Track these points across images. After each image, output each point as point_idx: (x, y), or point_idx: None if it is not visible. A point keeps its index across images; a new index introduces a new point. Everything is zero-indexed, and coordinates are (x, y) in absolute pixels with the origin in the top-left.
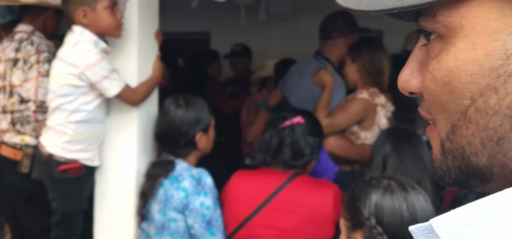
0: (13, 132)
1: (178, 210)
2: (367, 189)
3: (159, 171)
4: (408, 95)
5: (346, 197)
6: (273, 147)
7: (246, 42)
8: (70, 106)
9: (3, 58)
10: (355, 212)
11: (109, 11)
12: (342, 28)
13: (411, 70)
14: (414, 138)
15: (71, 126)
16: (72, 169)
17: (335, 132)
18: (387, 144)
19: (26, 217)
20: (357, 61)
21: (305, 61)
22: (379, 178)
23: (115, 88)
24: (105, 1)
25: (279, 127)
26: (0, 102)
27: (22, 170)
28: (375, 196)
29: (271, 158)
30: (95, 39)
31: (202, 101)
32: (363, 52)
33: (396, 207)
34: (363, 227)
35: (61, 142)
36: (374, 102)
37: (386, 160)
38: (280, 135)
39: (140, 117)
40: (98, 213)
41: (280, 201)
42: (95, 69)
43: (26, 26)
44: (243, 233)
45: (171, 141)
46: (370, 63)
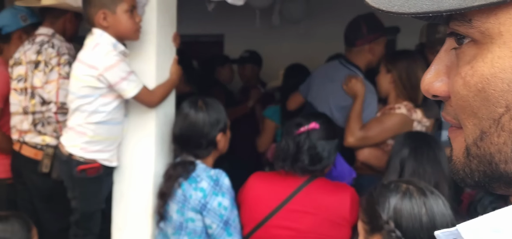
0: (34, 132)
1: (196, 210)
2: (385, 193)
3: (180, 171)
4: (431, 98)
5: (365, 201)
6: (291, 154)
7: (259, 45)
8: (89, 107)
9: (24, 61)
10: (373, 216)
11: (128, 14)
12: (366, 34)
13: (437, 72)
14: (432, 142)
15: (90, 127)
16: (91, 169)
17: (368, 145)
18: (405, 148)
19: (45, 216)
20: (392, 72)
21: (331, 67)
22: (398, 182)
23: (133, 89)
24: (124, 5)
25: (295, 133)
26: (22, 103)
27: (42, 170)
28: (394, 200)
29: (289, 166)
30: (114, 42)
31: (218, 102)
32: (399, 64)
33: (415, 211)
34: (381, 231)
35: (80, 142)
36: (412, 118)
37: (404, 163)
38: (296, 142)
39: (158, 119)
40: (115, 213)
41: (297, 202)
42: (114, 71)
43: (46, 29)
44: (260, 234)
45: (192, 142)
46: (406, 76)
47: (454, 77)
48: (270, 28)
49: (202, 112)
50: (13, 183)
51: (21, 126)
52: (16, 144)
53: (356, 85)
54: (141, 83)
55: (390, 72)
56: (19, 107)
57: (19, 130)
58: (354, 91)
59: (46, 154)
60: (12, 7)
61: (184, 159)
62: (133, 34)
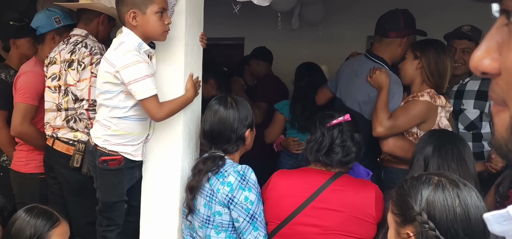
0: (66, 128)
1: (223, 204)
2: (417, 184)
3: (209, 165)
4: (479, 75)
5: (395, 193)
6: (325, 146)
7: (279, 47)
8: (110, 102)
9: (58, 60)
10: (405, 207)
11: (158, 16)
12: (402, 28)
13: (487, 49)
14: (456, 139)
15: (113, 121)
16: (112, 160)
17: (396, 133)
18: (429, 145)
19: (74, 210)
20: (421, 58)
21: (356, 61)
22: (429, 174)
23: (142, 93)
24: (155, 6)
25: (329, 125)
26: (55, 100)
27: (73, 164)
28: (427, 192)
29: (324, 157)
30: (139, 41)
31: (245, 100)
32: (429, 51)
33: (449, 202)
34: (413, 222)
35: (103, 134)
36: (436, 104)
37: (428, 161)
38: (330, 134)
39: (185, 116)
40: (144, 207)
41: (323, 199)
42: (129, 71)
43: (80, 30)
44: (286, 231)
45: (223, 137)
46: (434, 63)
47: (507, 53)
48: (289, 31)
49: (232, 109)
50: (45, 178)
51: (55, 122)
52: (49, 139)
53: (381, 77)
54: (152, 91)
55: (418, 59)
56: (53, 105)
57: (52, 126)
58: (378, 82)
59: (77, 149)
60: (46, 9)
61: (214, 153)
62: (160, 36)
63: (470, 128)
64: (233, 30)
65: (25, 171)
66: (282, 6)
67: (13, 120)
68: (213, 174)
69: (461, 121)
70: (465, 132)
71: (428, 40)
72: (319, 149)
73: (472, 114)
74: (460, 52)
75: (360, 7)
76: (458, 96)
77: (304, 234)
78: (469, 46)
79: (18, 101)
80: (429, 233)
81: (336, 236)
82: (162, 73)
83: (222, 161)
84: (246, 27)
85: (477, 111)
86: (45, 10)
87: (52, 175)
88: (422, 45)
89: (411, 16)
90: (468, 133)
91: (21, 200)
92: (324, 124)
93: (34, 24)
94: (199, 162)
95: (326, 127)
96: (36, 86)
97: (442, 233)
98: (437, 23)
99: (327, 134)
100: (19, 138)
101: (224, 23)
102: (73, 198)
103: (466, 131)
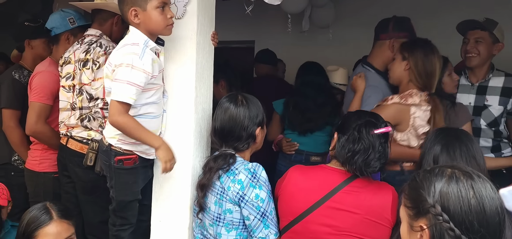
0: (80, 127)
1: (234, 201)
2: (430, 177)
3: (220, 163)
4: None
5: (408, 186)
6: (363, 151)
7: (289, 50)
8: None
9: (73, 59)
10: (418, 200)
11: (159, 10)
12: (391, 30)
13: None
14: (463, 136)
15: None
16: (128, 159)
17: None
18: (437, 144)
19: (87, 208)
20: (409, 59)
21: (355, 73)
22: (442, 167)
23: (114, 94)
24: (155, 1)
25: (372, 132)
26: (70, 100)
27: (87, 163)
28: (440, 184)
29: (362, 162)
30: (145, 39)
31: (256, 99)
32: (416, 52)
33: (463, 194)
34: (427, 215)
35: (117, 133)
36: (407, 103)
37: (437, 159)
38: (370, 140)
39: (196, 114)
40: (155, 205)
41: (338, 200)
42: (120, 70)
43: (94, 30)
44: (298, 228)
45: (233, 135)
46: (422, 64)
47: None
48: (299, 33)
49: (242, 107)
50: (58, 177)
51: (69, 121)
52: (63, 138)
53: (356, 82)
54: (126, 99)
55: (405, 60)
56: (67, 104)
57: (66, 124)
58: (354, 87)
59: (91, 148)
60: (61, 10)
61: (224, 151)
62: (164, 30)
63: (492, 125)
64: (243, 33)
65: (39, 170)
66: (292, 7)
67: (28, 119)
68: (224, 171)
69: (484, 117)
70: (486, 128)
71: (417, 40)
72: (356, 152)
73: (497, 111)
74: (474, 42)
75: (371, 9)
76: (480, 91)
77: (317, 233)
78: (482, 36)
79: (33, 100)
80: (443, 225)
81: (348, 237)
82: (173, 72)
83: (233, 159)
84: (256, 30)
85: (501, 108)
86: (60, 11)
87: (65, 174)
88: (410, 46)
89: (404, 21)
90: (490, 130)
91: (35, 198)
92: (368, 130)
93: (49, 25)
94: (210, 160)
95: (371, 134)
96: (51, 86)
97: (456, 225)
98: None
99: (367, 140)
100: (34, 136)
101: (235, 26)
102: (86, 196)
103: (487, 127)
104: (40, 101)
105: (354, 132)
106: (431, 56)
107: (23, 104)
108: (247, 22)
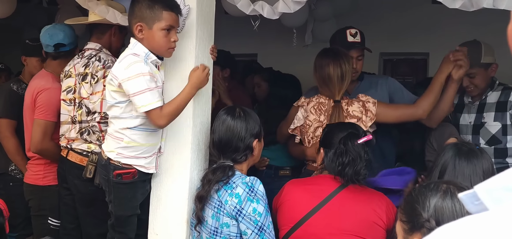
0: (80, 140)
1: (231, 215)
2: (425, 192)
3: (219, 176)
4: None
5: (404, 201)
6: (352, 162)
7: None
8: (122, 113)
9: (73, 73)
10: (413, 214)
11: (164, 32)
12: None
13: None
14: (472, 156)
15: (125, 133)
16: (127, 174)
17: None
18: (445, 159)
19: (86, 221)
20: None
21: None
22: (438, 182)
23: (142, 106)
24: (162, 23)
25: (356, 143)
26: (70, 113)
27: (86, 175)
28: (435, 199)
29: (352, 173)
30: (146, 52)
31: (253, 112)
32: (314, 63)
33: (457, 209)
34: (421, 229)
35: (116, 147)
36: (297, 105)
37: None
38: (357, 151)
39: (194, 127)
40: (152, 218)
41: (336, 203)
42: (131, 83)
43: (94, 44)
44: (299, 233)
45: (231, 146)
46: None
47: None
48: (302, 47)
49: (239, 119)
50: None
51: (69, 134)
52: (64, 150)
53: None
54: (152, 105)
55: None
56: (68, 117)
57: (67, 137)
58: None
59: (91, 160)
60: (66, 25)
61: (222, 163)
62: (165, 52)
63: (491, 142)
64: (246, 46)
65: (44, 184)
66: (292, 21)
67: (33, 136)
68: (223, 183)
69: (482, 135)
70: (486, 147)
71: (321, 51)
72: (344, 164)
73: (493, 128)
74: (468, 79)
75: (373, 24)
76: (479, 110)
77: (318, 235)
78: (473, 72)
79: (39, 118)
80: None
81: (349, 237)
82: (171, 85)
83: (232, 171)
84: (259, 43)
85: (498, 124)
86: (65, 25)
87: (65, 186)
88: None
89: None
90: (490, 148)
91: (39, 212)
92: (353, 142)
93: (66, 41)
94: (208, 172)
95: (355, 145)
96: (57, 103)
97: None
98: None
99: (356, 151)
100: (39, 154)
101: (237, 39)
102: (85, 209)
103: (487, 145)
104: (46, 119)
105: (340, 145)
106: (325, 66)
107: (19, 115)
108: (250, 35)
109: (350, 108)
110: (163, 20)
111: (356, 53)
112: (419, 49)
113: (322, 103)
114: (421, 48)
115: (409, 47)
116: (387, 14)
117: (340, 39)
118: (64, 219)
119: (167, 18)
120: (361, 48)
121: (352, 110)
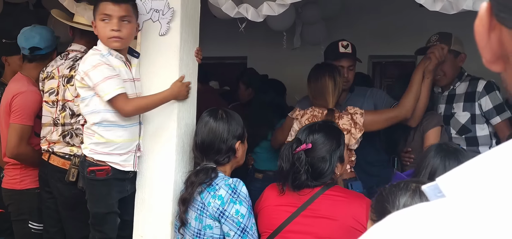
0: (62, 143)
1: (214, 217)
2: (395, 191)
3: (202, 178)
4: None
5: (375, 200)
6: (287, 172)
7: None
8: (87, 108)
9: (57, 75)
10: (383, 213)
11: (103, 23)
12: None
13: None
14: (460, 155)
15: (94, 128)
16: (100, 170)
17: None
18: (435, 159)
19: (69, 224)
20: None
21: None
22: (408, 181)
23: (106, 94)
24: (99, 14)
25: (294, 152)
26: (52, 115)
27: (69, 178)
28: (404, 198)
29: (291, 183)
30: (108, 49)
31: (237, 114)
32: (310, 75)
33: None
34: None
35: (89, 143)
36: (292, 117)
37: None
38: (293, 161)
39: (179, 129)
40: (136, 220)
41: (314, 208)
42: (94, 73)
43: (79, 46)
44: None
45: (213, 148)
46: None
47: None
48: (291, 50)
49: (222, 120)
50: (40, 192)
51: (51, 137)
52: (45, 154)
53: None
54: (115, 91)
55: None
56: (50, 119)
57: (48, 140)
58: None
59: (73, 164)
60: (46, 28)
61: (205, 165)
62: (107, 42)
63: (462, 132)
64: (235, 49)
65: (21, 188)
66: (279, 24)
67: (9, 141)
68: (206, 185)
69: (453, 125)
70: (457, 137)
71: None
72: (285, 176)
73: (462, 118)
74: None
75: (361, 27)
76: (449, 101)
77: None
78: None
79: (15, 122)
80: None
81: None
82: (156, 87)
83: (215, 173)
84: (248, 46)
85: (467, 114)
86: (46, 28)
87: (47, 190)
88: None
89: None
90: (461, 138)
91: (19, 217)
92: (289, 152)
93: (43, 44)
94: (191, 174)
95: (291, 155)
96: (33, 106)
97: None
98: None
99: (289, 161)
100: (15, 159)
101: (227, 42)
102: (68, 212)
103: (458, 135)
104: (23, 123)
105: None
106: (321, 78)
107: None
108: (239, 38)
109: (340, 122)
110: (100, 10)
111: (347, 63)
112: (407, 51)
113: (316, 116)
114: (409, 50)
115: (397, 50)
116: (376, 17)
117: (332, 50)
118: (46, 223)
119: (102, 8)
120: (352, 59)
121: (342, 123)
